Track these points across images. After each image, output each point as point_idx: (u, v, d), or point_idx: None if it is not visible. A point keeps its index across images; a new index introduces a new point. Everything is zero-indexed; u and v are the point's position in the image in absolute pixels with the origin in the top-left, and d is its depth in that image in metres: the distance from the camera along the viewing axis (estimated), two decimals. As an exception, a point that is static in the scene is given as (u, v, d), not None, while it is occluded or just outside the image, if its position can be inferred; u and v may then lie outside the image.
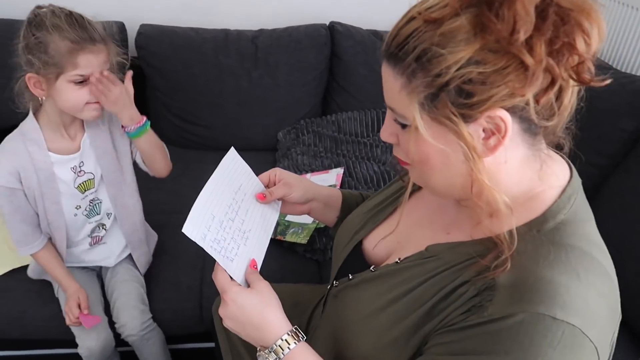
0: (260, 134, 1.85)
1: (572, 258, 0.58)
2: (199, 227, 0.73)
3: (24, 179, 1.14)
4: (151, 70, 1.77)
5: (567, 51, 0.52)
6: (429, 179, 0.64)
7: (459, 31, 0.53)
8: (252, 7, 1.91)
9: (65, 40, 1.02)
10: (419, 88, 0.56)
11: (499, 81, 0.52)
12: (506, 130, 0.55)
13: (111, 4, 1.84)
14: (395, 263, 0.73)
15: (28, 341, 1.36)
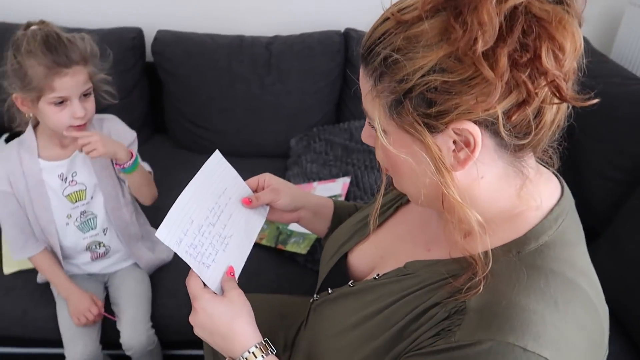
0: (271, 141, 1.84)
1: (552, 284, 0.53)
2: (175, 232, 0.71)
3: (13, 183, 1.17)
4: (166, 76, 1.79)
5: (534, 66, 0.48)
6: (403, 186, 0.62)
7: (424, 36, 0.50)
8: (268, 14, 1.91)
9: (41, 66, 1.04)
10: (384, 93, 0.53)
11: (464, 92, 0.49)
12: (475, 144, 0.52)
13: (130, 10, 1.88)
14: (374, 279, 0.70)
15: (29, 339, 1.38)
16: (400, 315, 0.62)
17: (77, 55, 1.06)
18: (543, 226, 0.58)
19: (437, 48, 0.49)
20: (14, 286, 1.35)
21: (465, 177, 0.56)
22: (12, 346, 1.44)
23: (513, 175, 0.59)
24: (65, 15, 1.84)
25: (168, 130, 1.93)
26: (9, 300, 1.33)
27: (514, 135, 0.53)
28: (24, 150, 1.18)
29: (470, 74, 0.48)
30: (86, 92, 1.11)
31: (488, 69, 0.47)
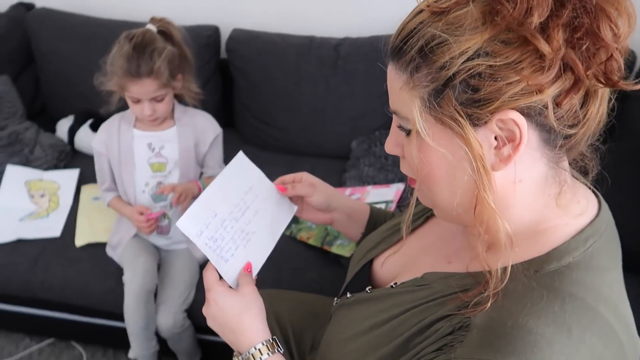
0: (333, 142, 1.84)
1: (568, 309, 0.48)
2: (197, 223, 0.73)
3: (109, 146, 1.35)
4: (237, 73, 1.85)
5: (591, 41, 0.45)
6: (434, 196, 0.57)
7: (467, 19, 0.47)
8: (340, 15, 1.91)
9: (121, 69, 1.21)
10: (422, 83, 0.50)
11: (510, 77, 0.46)
12: (521, 137, 0.48)
13: (209, 9, 1.96)
14: (390, 287, 0.69)
15: (89, 309, 1.49)
16: (408, 325, 0.60)
17: (146, 70, 1.20)
18: (569, 246, 0.53)
19: (482, 30, 0.46)
20: (81, 258, 1.47)
21: (503, 179, 0.52)
22: (74, 314, 1.56)
23: (551, 180, 0.55)
24: (150, 11, 1.97)
25: (235, 125, 1.99)
26: (75, 270, 1.45)
27: (563, 125, 0.49)
28: (124, 121, 1.38)
29: (517, 56, 0.46)
30: (157, 97, 1.26)
31: (544, 42, 0.44)
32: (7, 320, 1.67)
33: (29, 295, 1.48)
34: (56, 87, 1.96)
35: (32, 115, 1.96)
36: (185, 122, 1.39)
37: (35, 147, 1.77)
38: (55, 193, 1.67)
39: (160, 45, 1.24)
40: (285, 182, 0.91)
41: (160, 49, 1.23)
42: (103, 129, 1.39)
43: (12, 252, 1.49)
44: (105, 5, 2.01)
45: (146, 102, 1.25)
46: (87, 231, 1.55)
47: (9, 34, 1.90)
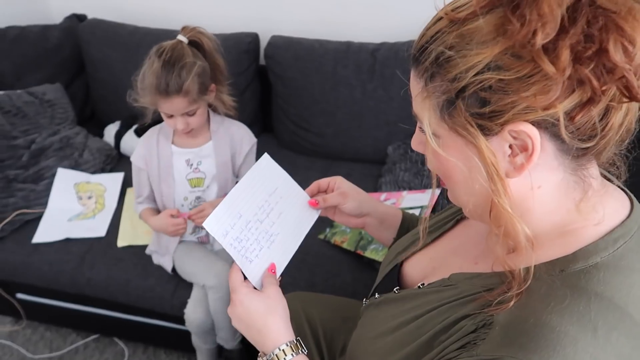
0: (369, 146, 1.84)
1: (593, 308, 0.48)
2: (222, 224, 0.75)
3: (148, 161, 1.37)
4: (275, 78, 1.89)
5: (600, 60, 0.44)
6: (456, 195, 0.59)
7: (478, 33, 0.47)
8: (378, 21, 1.91)
9: (152, 87, 1.21)
10: (435, 93, 0.51)
11: (521, 90, 0.46)
12: (533, 148, 0.48)
13: (249, 17, 2.01)
14: (418, 287, 0.70)
15: (132, 307, 1.55)
16: (433, 324, 0.60)
17: (175, 88, 1.20)
18: (597, 246, 0.52)
19: (492, 44, 0.46)
20: (123, 258, 1.53)
21: (520, 185, 0.52)
22: (117, 311, 1.63)
23: (573, 185, 0.54)
24: (193, 19, 2.04)
25: (274, 130, 2.03)
26: (117, 269, 1.51)
27: (576, 139, 0.48)
28: (162, 135, 1.39)
29: (528, 71, 0.45)
30: (189, 112, 1.27)
31: (548, 63, 0.44)
32: (57, 316, 1.76)
33: (76, 291, 1.56)
34: (105, 94, 2.05)
35: (82, 121, 2.07)
36: (221, 135, 1.40)
37: (85, 151, 1.86)
38: (101, 195, 1.75)
39: (189, 61, 1.22)
40: (321, 187, 0.93)
41: (189, 64, 1.21)
42: (142, 144, 1.41)
43: (61, 251, 1.56)
44: (151, 15, 2.10)
45: (179, 117, 1.26)
46: (129, 233, 1.61)
47: (63, 44, 2.02)
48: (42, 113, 1.81)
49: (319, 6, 1.93)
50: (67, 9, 2.16)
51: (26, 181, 1.71)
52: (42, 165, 1.75)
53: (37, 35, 1.97)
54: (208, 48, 1.29)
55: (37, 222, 1.65)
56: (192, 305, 1.42)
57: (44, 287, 1.60)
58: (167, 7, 2.08)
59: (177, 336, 1.56)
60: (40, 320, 1.84)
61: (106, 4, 2.13)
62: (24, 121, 1.75)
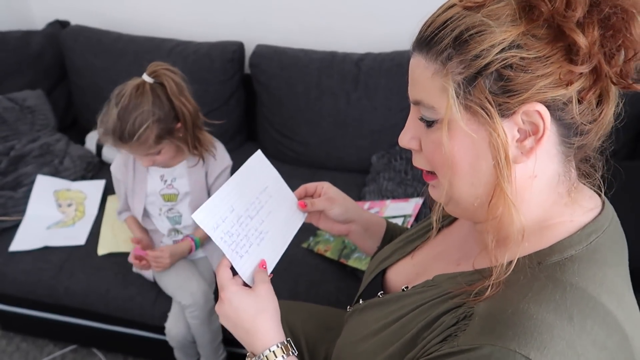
0: (354, 155, 1.85)
1: (569, 298, 0.49)
2: (213, 217, 0.73)
3: (124, 173, 1.37)
4: (259, 87, 1.89)
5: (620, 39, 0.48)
6: (453, 188, 0.57)
7: (504, 12, 0.50)
8: (362, 31, 1.93)
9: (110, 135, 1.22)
10: (455, 71, 0.52)
11: (540, 69, 0.49)
12: (544, 129, 0.50)
13: (234, 26, 2.01)
14: (402, 290, 0.70)
15: (111, 317, 1.52)
16: (415, 322, 0.61)
17: (130, 137, 1.19)
18: (572, 240, 0.55)
19: (517, 24, 0.49)
20: (103, 267, 1.51)
21: (521, 174, 0.54)
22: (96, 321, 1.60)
23: (562, 177, 0.56)
24: (178, 28, 2.04)
25: (258, 139, 2.02)
26: (97, 278, 1.48)
27: (583, 120, 0.51)
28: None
29: (547, 51, 0.48)
30: (151, 154, 1.26)
31: (583, 36, 0.47)
32: (33, 326, 1.71)
33: (53, 301, 1.53)
34: (87, 101, 2.03)
35: (63, 128, 2.04)
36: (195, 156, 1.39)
37: (65, 158, 1.83)
38: (81, 203, 1.73)
39: (146, 109, 1.19)
40: (308, 191, 0.92)
41: (145, 113, 1.19)
42: (120, 157, 1.41)
43: (39, 259, 1.53)
44: (136, 22, 2.09)
45: (142, 156, 1.28)
46: (109, 241, 1.58)
47: (45, 50, 1.99)
48: (22, 119, 1.78)
49: (304, 16, 1.94)
50: (50, 15, 2.14)
51: (4, 188, 1.67)
52: (20, 172, 1.72)
53: (19, 41, 1.94)
54: (171, 91, 1.23)
55: (15, 230, 1.62)
56: (172, 320, 1.40)
57: (20, 297, 1.56)
58: (152, 15, 2.08)
59: (158, 346, 1.53)
60: (16, 331, 1.79)
61: (90, 10, 2.12)
62: (3, 127, 1.72)
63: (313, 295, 1.38)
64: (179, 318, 1.40)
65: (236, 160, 1.44)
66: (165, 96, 1.23)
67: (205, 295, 1.37)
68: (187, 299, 1.35)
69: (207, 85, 1.85)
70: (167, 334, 1.41)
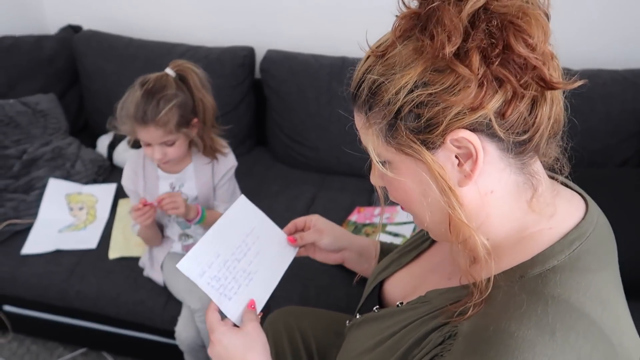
0: (363, 161, 1.82)
1: (550, 311, 0.49)
2: (198, 265, 0.77)
3: (135, 182, 1.38)
4: (270, 92, 1.89)
5: (508, 56, 0.48)
6: (420, 218, 0.61)
7: (399, 58, 0.52)
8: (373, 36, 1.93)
9: (130, 115, 1.22)
10: (376, 120, 0.55)
11: (451, 99, 0.50)
12: (477, 151, 0.51)
13: (245, 31, 2.02)
14: (396, 306, 0.71)
15: (121, 321, 1.53)
16: (406, 339, 0.61)
17: (152, 117, 1.21)
18: (553, 249, 0.54)
19: (414, 65, 0.51)
20: (114, 270, 1.51)
21: (473, 193, 0.55)
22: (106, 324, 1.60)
23: (523, 186, 0.57)
24: (189, 33, 2.06)
25: (268, 143, 2.03)
26: (108, 282, 1.49)
27: (511, 133, 0.52)
28: (148, 159, 1.40)
29: (452, 81, 0.49)
30: (166, 142, 1.27)
31: (463, 67, 0.48)
32: (44, 329, 1.72)
33: (65, 304, 1.53)
34: (98, 105, 2.05)
35: (75, 132, 2.06)
36: (202, 158, 1.40)
37: (77, 161, 1.84)
38: (93, 206, 1.74)
39: (170, 92, 1.22)
40: (297, 226, 0.96)
41: (169, 96, 1.22)
42: (128, 167, 1.42)
43: (50, 262, 1.54)
44: (147, 27, 2.10)
45: (156, 146, 1.26)
46: (120, 245, 1.59)
47: (58, 55, 2.01)
48: (35, 123, 1.80)
49: (315, 21, 1.95)
50: (62, 20, 2.16)
51: (17, 191, 1.69)
52: (33, 176, 1.73)
53: (32, 46, 1.97)
54: (194, 84, 1.28)
55: (27, 233, 1.63)
56: (182, 324, 1.40)
57: (32, 300, 1.57)
58: (163, 20, 2.09)
59: (168, 350, 1.54)
60: (27, 333, 1.80)
61: (102, 15, 2.14)
62: (16, 131, 1.74)
63: (323, 301, 1.38)
64: (188, 322, 1.40)
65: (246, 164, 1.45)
66: (187, 88, 1.28)
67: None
68: (196, 303, 1.36)
69: (217, 90, 1.84)
70: (177, 338, 1.41)
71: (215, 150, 1.39)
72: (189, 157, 1.41)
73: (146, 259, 1.50)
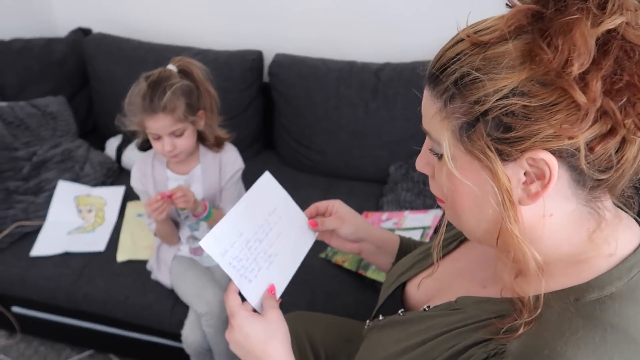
0: (371, 165, 1.84)
1: (609, 340, 0.47)
2: (221, 243, 0.73)
3: (144, 183, 1.39)
4: (278, 96, 1.90)
5: (630, 93, 0.44)
6: (461, 219, 0.58)
7: (505, 57, 0.47)
8: (382, 41, 1.94)
9: (139, 107, 1.23)
10: (455, 114, 0.50)
11: (545, 118, 0.46)
12: (551, 177, 0.48)
13: (253, 35, 2.03)
14: (423, 310, 0.69)
15: (129, 323, 1.53)
16: (440, 350, 0.59)
17: (160, 105, 1.21)
18: (611, 275, 0.52)
19: (519, 70, 0.46)
20: (122, 273, 1.52)
21: (531, 213, 0.52)
22: (114, 327, 1.61)
23: (587, 216, 0.53)
24: (198, 36, 2.06)
25: (276, 147, 2.03)
26: (116, 285, 1.49)
27: (593, 170, 0.48)
28: (157, 160, 1.41)
29: (553, 99, 0.45)
30: (176, 132, 1.27)
31: (580, 92, 0.44)
32: (51, 330, 1.73)
33: (73, 306, 1.54)
34: (107, 108, 2.05)
35: (84, 134, 2.07)
36: (210, 159, 1.41)
37: (86, 164, 1.85)
38: (101, 209, 1.75)
39: (175, 81, 1.24)
40: (319, 210, 0.93)
41: (175, 83, 1.23)
42: (137, 168, 1.42)
43: (59, 265, 1.55)
44: (156, 30, 2.11)
45: (166, 137, 1.26)
46: (129, 247, 1.60)
47: (68, 58, 2.02)
48: (45, 125, 1.81)
49: (324, 26, 1.95)
50: (72, 22, 2.18)
51: (26, 193, 1.70)
52: (42, 178, 1.74)
53: (42, 48, 1.98)
54: (197, 76, 1.31)
55: (36, 235, 1.64)
56: (189, 327, 1.40)
57: (40, 301, 1.58)
58: (172, 24, 2.10)
59: (174, 354, 1.54)
60: (34, 335, 1.81)
61: (112, 18, 2.15)
62: (26, 133, 1.75)
63: (331, 307, 1.38)
64: (195, 326, 1.40)
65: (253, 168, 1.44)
66: (191, 81, 1.29)
67: (221, 303, 1.37)
68: (203, 308, 1.36)
69: (226, 93, 1.85)
70: (184, 341, 1.41)
71: (221, 142, 1.41)
72: (197, 158, 1.41)
73: (154, 261, 1.50)
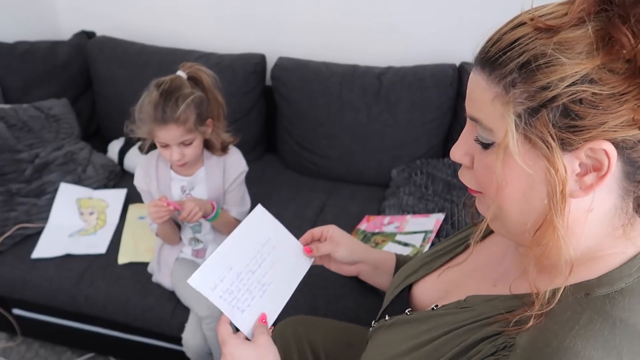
0: (373, 169, 1.84)
1: (618, 334, 0.47)
2: (210, 278, 0.76)
3: (148, 183, 1.38)
4: (281, 99, 1.90)
5: None
6: (503, 212, 0.55)
7: (579, 42, 0.46)
8: (384, 45, 1.94)
9: (150, 116, 1.22)
10: (517, 99, 0.48)
11: (612, 107, 0.45)
12: (609, 168, 0.47)
13: (256, 38, 2.03)
14: (431, 309, 0.69)
15: (129, 326, 1.53)
16: (450, 347, 0.59)
17: (172, 116, 1.21)
18: (622, 271, 0.52)
19: (592, 56, 0.45)
20: (123, 276, 1.51)
21: (576, 207, 0.51)
22: (114, 330, 1.60)
23: (620, 211, 0.53)
24: (202, 40, 2.07)
25: (278, 151, 2.03)
26: (117, 287, 1.49)
27: None
28: (161, 161, 1.40)
29: (623, 88, 0.44)
30: (185, 142, 1.27)
31: None
32: (52, 333, 1.73)
33: (74, 309, 1.54)
34: (110, 111, 2.06)
35: (86, 137, 2.07)
36: (214, 162, 1.41)
37: (88, 166, 1.85)
38: (103, 211, 1.74)
39: (187, 91, 1.24)
40: (314, 236, 0.95)
41: (186, 94, 1.23)
42: (141, 168, 1.42)
43: (61, 267, 1.55)
44: (160, 34, 2.12)
45: (174, 146, 1.26)
46: (130, 250, 1.60)
47: (71, 60, 2.03)
48: (48, 127, 1.81)
49: (326, 29, 1.96)
50: (76, 25, 2.18)
51: (28, 195, 1.70)
52: (45, 180, 1.74)
53: (46, 51, 1.99)
54: (207, 84, 1.31)
55: (38, 237, 1.64)
56: (189, 331, 1.40)
57: (41, 304, 1.58)
58: (176, 27, 2.11)
59: (175, 357, 1.53)
60: (35, 337, 1.81)
61: (115, 21, 2.16)
62: (29, 135, 1.75)
63: (333, 310, 1.37)
64: (196, 329, 1.40)
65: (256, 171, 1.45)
66: (200, 89, 1.29)
67: None
68: (204, 311, 1.35)
69: (229, 96, 1.83)
70: (185, 344, 1.41)
71: (226, 146, 1.41)
72: (201, 160, 1.41)
73: (155, 264, 1.50)
